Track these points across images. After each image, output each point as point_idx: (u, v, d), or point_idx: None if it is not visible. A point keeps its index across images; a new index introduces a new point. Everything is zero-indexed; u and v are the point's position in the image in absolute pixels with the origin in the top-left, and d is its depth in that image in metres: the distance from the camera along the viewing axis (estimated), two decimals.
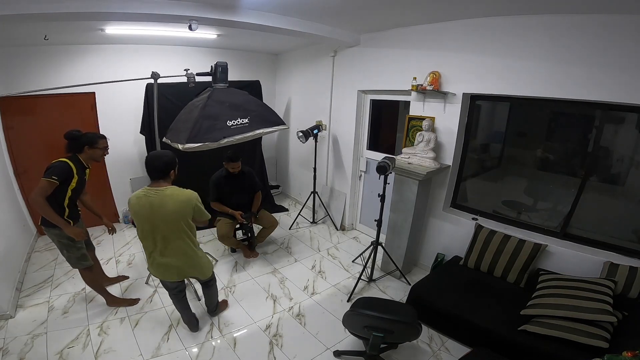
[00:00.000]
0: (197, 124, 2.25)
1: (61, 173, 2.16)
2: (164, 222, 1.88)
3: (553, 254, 2.53)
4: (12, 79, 3.37)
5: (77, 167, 2.27)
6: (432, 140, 2.91)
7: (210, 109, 2.33)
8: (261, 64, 5.03)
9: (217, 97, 2.40)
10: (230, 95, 2.48)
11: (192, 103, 2.51)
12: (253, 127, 2.48)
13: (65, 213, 2.31)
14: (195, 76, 2.38)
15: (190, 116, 2.37)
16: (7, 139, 3.48)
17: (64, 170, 2.18)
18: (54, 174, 2.12)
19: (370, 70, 3.53)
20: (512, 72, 2.48)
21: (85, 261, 2.48)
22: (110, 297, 2.69)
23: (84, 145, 2.29)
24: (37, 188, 2.10)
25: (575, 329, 1.89)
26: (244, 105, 2.51)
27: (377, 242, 3.03)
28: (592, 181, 2.50)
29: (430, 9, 2.56)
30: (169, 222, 1.89)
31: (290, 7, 2.58)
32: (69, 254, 2.41)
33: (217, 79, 2.42)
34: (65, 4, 2.07)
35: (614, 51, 2.05)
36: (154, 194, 1.86)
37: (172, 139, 2.44)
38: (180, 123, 2.47)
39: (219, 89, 2.44)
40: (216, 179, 3.29)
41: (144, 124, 3.82)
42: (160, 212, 1.86)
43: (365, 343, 2.07)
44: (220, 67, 2.39)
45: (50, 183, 2.12)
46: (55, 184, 2.14)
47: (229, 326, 2.54)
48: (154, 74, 2.33)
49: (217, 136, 2.29)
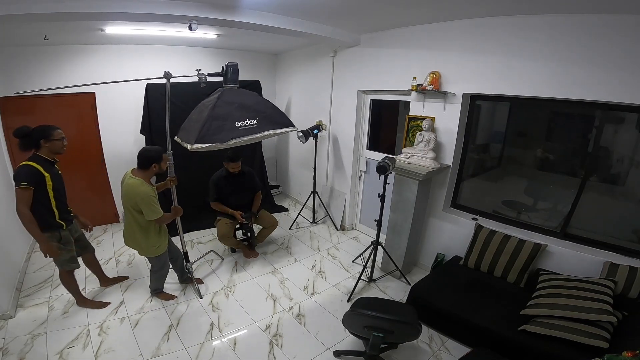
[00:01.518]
0: (205, 125, 2.26)
1: (29, 176, 2.06)
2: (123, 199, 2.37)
3: (553, 254, 2.53)
4: (12, 79, 3.38)
5: (43, 165, 2.15)
6: (432, 140, 2.91)
7: (219, 110, 2.34)
8: (261, 64, 5.03)
9: (227, 98, 2.40)
10: (240, 96, 2.48)
11: (203, 103, 2.51)
12: (262, 128, 2.47)
13: (55, 215, 2.26)
14: (207, 76, 2.38)
15: (200, 116, 2.38)
16: (7, 139, 3.48)
17: (31, 172, 2.08)
18: (22, 180, 2.02)
19: (370, 70, 3.53)
20: (512, 72, 2.48)
21: (74, 263, 2.45)
22: (80, 298, 2.62)
23: (39, 140, 2.15)
24: (17, 200, 2.02)
25: (575, 329, 1.89)
26: (253, 106, 2.50)
27: (377, 242, 3.03)
28: (592, 181, 2.50)
29: (430, 9, 2.56)
30: (124, 201, 2.37)
31: (290, 7, 2.58)
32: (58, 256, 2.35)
33: (228, 79, 2.42)
34: (65, 4, 2.07)
35: (614, 51, 2.05)
36: (128, 177, 2.36)
37: (183, 138, 2.45)
38: (191, 123, 2.48)
39: (228, 89, 2.43)
40: (216, 179, 3.29)
41: (144, 124, 3.82)
42: (123, 191, 2.36)
43: (365, 343, 2.07)
44: (231, 67, 2.39)
45: (24, 189, 2.03)
46: (30, 189, 2.04)
47: (229, 326, 2.54)
48: (166, 74, 2.33)
49: (225, 137, 2.29)
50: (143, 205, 2.26)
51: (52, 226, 2.25)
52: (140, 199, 2.25)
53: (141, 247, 2.49)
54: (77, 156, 3.90)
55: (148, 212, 2.28)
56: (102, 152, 3.99)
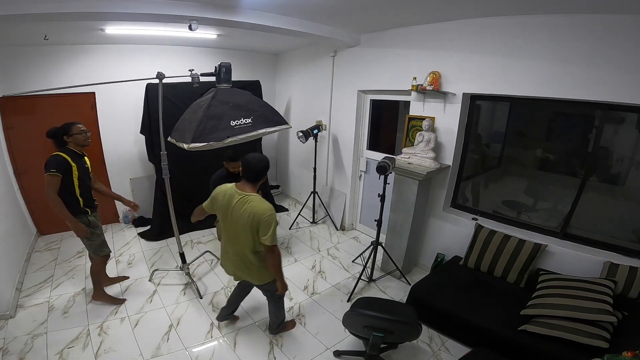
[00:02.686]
0: (201, 124, 2.29)
1: (58, 165, 2.26)
2: (240, 221, 1.90)
3: (553, 254, 2.53)
4: (12, 79, 3.37)
5: (72, 157, 2.36)
6: (432, 140, 2.91)
7: (214, 109, 2.36)
8: (261, 64, 5.03)
9: (221, 98, 2.43)
10: (233, 96, 2.51)
11: (197, 103, 2.53)
12: (256, 126, 2.51)
13: (80, 202, 2.44)
14: (199, 77, 2.40)
15: (195, 116, 2.40)
16: (7, 139, 3.48)
17: (59, 161, 2.28)
18: (52, 168, 2.24)
19: (370, 70, 3.53)
20: (512, 72, 2.48)
21: (105, 248, 2.61)
22: (100, 291, 2.69)
23: (62, 137, 2.37)
24: (46, 186, 2.24)
25: (575, 329, 1.89)
26: (247, 105, 2.54)
27: (377, 242, 3.03)
28: (592, 181, 2.50)
29: (430, 9, 2.56)
30: (241, 224, 1.90)
31: (290, 7, 2.58)
32: (89, 241, 2.51)
33: (221, 79, 2.45)
34: (65, 4, 2.07)
35: (614, 51, 2.05)
36: (238, 194, 1.91)
37: (177, 138, 2.46)
38: (185, 123, 2.49)
39: (222, 89, 2.46)
40: (217, 179, 3.28)
41: (144, 124, 3.81)
42: (240, 213, 1.88)
43: (365, 343, 2.07)
44: (224, 67, 2.42)
45: (53, 176, 2.23)
46: (58, 176, 2.25)
47: (229, 326, 2.54)
48: (159, 74, 2.35)
49: (221, 136, 2.33)
50: (266, 226, 1.84)
51: (78, 212, 2.43)
52: (265, 218, 1.84)
53: (259, 273, 2.09)
54: None
55: (271, 234, 1.86)
56: (102, 152, 3.99)
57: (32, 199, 3.72)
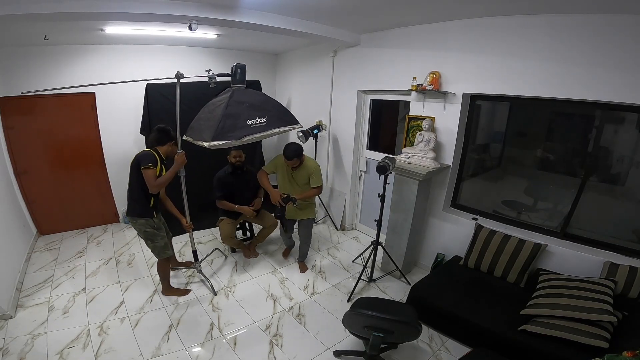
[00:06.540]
0: (220, 123, 2.35)
1: (152, 159, 2.42)
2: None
3: (553, 254, 2.53)
4: (12, 79, 3.37)
5: (159, 158, 2.51)
6: (432, 140, 2.91)
7: (232, 109, 2.43)
8: (261, 64, 5.02)
9: (237, 98, 2.50)
10: (249, 96, 2.58)
11: (212, 103, 2.60)
12: (271, 126, 2.58)
13: (151, 202, 2.54)
14: (216, 77, 2.46)
15: (212, 115, 2.47)
16: (7, 139, 3.48)
17: (152, 158, 2.44)
18: (149, 162, 2.39)
19: (370, 70, 3.53)
20: (512, 72, 2.48)
21: (168, 250, 2.70)
22: (167, 286, 2.82)
23: (169, 141, 2.56)
24: (147, 179, 2.38)
25: (575, 329, 1.89)
26: (262, 105, 2.61)
27: (377, 242, 3.03)
28: (592, 181, 2.50)
29: (430, 9, 2.56)
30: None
31: (290, 7, 2.58)
32: (153, 243, 2.59)
33: (237, 79, 2.51)
34: (65, 4, 2.07)
35: (614, 51, 2.05)
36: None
37: (195, 137, 2.51)
38: (201, 122, 2.55)
39: (238, 89, 2.53)
40: (222, 176, 3.29)
41: (144, 124, 3.81)
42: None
43: (365, 343, 2.07)
44: (239, 68, 2.49)
45: (149, 169, 2.37)
46: (153, 168, 2.40)
47: (229, 326, 2.54)
48: (178, 74, 2.41)
49: (239, 134, 2.39)
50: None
51: (147, 212, 2.55)
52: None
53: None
54: (77, 156, 3.91)
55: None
56: (102, 152, 3.99)
57: (32, 199, 3.73)
